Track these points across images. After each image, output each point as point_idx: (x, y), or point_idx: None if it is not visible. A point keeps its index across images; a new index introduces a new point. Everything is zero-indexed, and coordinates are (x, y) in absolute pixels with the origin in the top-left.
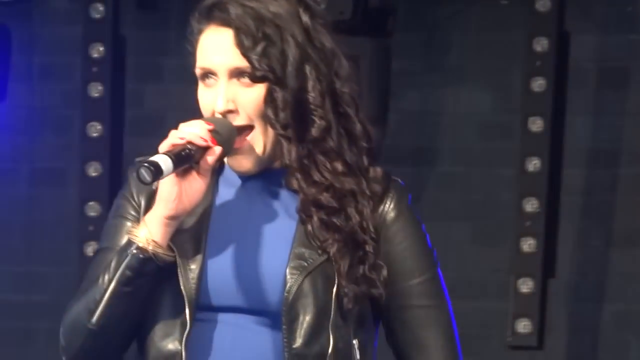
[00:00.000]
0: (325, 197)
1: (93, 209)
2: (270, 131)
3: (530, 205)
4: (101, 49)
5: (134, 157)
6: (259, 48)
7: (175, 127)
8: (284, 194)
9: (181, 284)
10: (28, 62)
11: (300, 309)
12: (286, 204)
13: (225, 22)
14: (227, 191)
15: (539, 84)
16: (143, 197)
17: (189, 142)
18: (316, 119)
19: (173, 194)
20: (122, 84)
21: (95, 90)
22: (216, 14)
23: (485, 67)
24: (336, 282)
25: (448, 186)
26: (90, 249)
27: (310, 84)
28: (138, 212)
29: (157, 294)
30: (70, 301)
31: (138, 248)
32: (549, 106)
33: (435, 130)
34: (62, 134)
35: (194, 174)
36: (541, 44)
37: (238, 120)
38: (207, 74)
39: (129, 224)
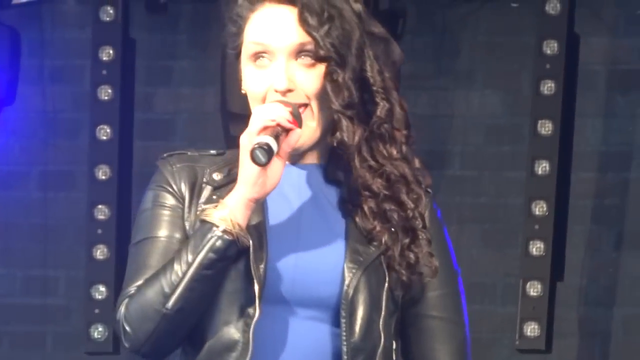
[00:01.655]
0: (377, 184)
1: (102, 212)
2: (325, 113)
3: (539, 208)
4: (111, 52)
5: (143, 161)
6: (325, 27)
7: (185, 131)
8: (326, 188)
9: (253, 273)
10: (38, 65)
11: (357, 303)
12: (330, 198)
13: (288, 0)
14: (276, 189)
15: (548, 86)
16: (185, 185)
17: (279, 125)
18: (379, 101)
19: (260, 178)
20: (132, 87)
21: (105, 93)
22: None
23: (495, 70)
24: (387, 277)
25: (458, 189)
26: (98, 252)
27: (368, 66)
28: (179, 200)
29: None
30: (123, 291)
31: (224, 231)
32: (558, 109)
33: (445, 133)
34: (71, 137)
35: (274, 156)
36: (551, 47)
37: (296, 99)
38: (261, 53)
39: (167, 212)
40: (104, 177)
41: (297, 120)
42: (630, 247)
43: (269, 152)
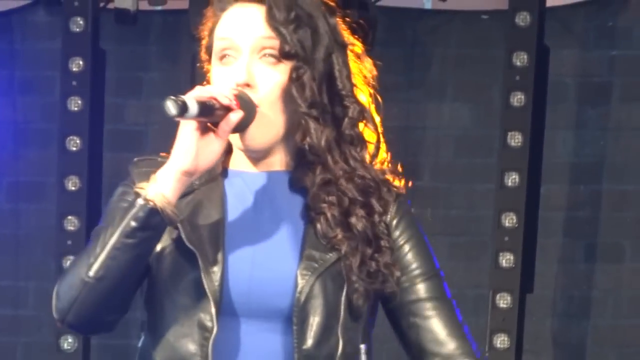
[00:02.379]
0: (348, 188)
1: (72, 223)
2: (288, 115)
3: (509, 220)
4: (81, 63)
5: (113, 172)
6: (292, 25)
7: (155, 142)
8: (290, 195)
9: (206, 286)
10: (8, 76)
11: (311, 310)
12: (293, 205)
13: None
14: (235, 196)
15: (518, 98)
16: None
17: (214, 98)
18: (348, 104)
19: (192, 147)
20: (102, 98)
21: (75, 104)
22: None
23: (465, 82)
24: (345, 283)
25: (428, 201)
26: (68, 263)
27: (337, 71)
28: None
29: (172, 293)
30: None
31: (145, 199)
32: (528, 121)
33: (415, 145)
34: (41, 148)
35: (212, 135)
36: (521, 59)
37: (254, 95)
38: (227, 49)
39: (126, 206)
40: (73, 188)
41: (244, 104)
42: (601, 259)
43: (181, 106)
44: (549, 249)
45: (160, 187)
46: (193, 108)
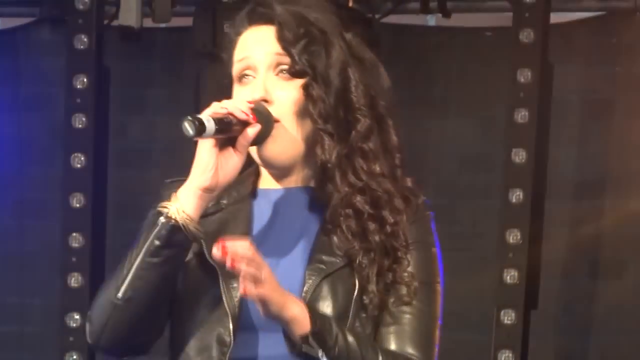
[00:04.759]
0: (359, 201)
1: (76, 240)
2: (306, 130)
3: (513, 237)
4: (85, 80)
5: (117, 189)
6: (301, 43)
7: (159, 159)
8: (310, 210)
9: (225, 302)
10: (12, 93)
11: (320, 310)
12: (312, 221)
13: (268, 19)
14: (260, 214)
15: (522, 115)
16: None
17: (230, 114)
18: (360, 117)
19: (210, 164)
20: (106, 115)
21: (79, 121)
22: (259, 12)
23: (469, 98)
24: (357, 288)
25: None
26: (73, 280)
27: (352, 85)
28: None
29: (194, 308)
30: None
31: (167, 217)
32: (532, 138)
33: (419, 161)
34: (46, 165)
35: (230, 149)
36: (525, 76)
37: (271, 111)
38: (245, 70)
39: None
40: (78, 205)
41: (260, 116)
42: (604, 275)
43: (198, 126)
44: (552, 265)
45: (182, 205)
46: (210, 126)
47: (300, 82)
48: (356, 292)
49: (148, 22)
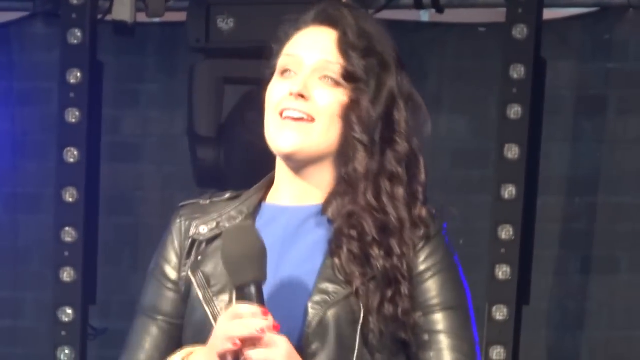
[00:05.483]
0: (367, 223)
1: (69, 234)
2: (332, 135)
3: (506, 232)
4: (79, 74)
5: (110, 183)
6: (360, 52)
7: (153, 154)
8: (317, 229)
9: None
10: (6, 88)
11: (322, 342)
12: (320, 238)
13: (333, 22)
14: (262, 231)
15: (515, 111)
16: (179, 241)
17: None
18: (399, 140)
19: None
20: (99, 110)
21: (72, 116)
22: (329, 12)
23: (462, 94)
24: (362, 316)
25: None
26: (65, 274)
27: (396, 114)
28: (178, 256)
29: (187, 331)
30: None
31: None
32: (525, 133)
33: None
34: (39, 160)
35: None
36: (518, 71)
37: (305, 108)
38: (290, 66)
39: (161, 283)
40: (71, 200)
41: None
42: (597, 271)
43: None
44: (544, 261)
45: None
46: None
47: (343, 90)
48: (361, 321)
49: (142, 17)
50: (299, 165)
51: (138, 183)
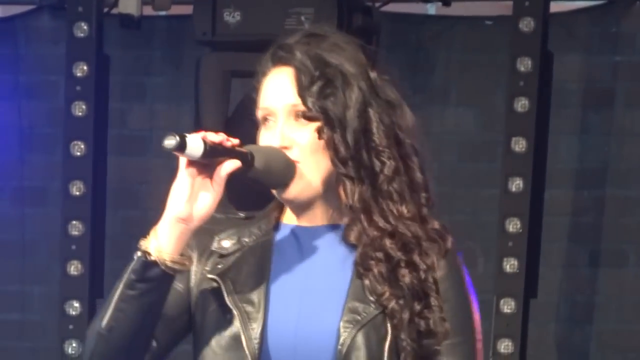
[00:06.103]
0: (390, 246)
1: (76, 228)
2: (322, 170)
3: (513, 225)
4: (85, 68)
5: (117, 177)
6: (315, 87)
7: (159, 147)
8: (341, 249)
9: (244, 343)
10: (12, 81)
11: None
12: (343, 259)
13: (288, 62)
14: (282, 250)
15: (522, 104)
16: (193, 250)
17: (222, 143)
18: (385, 160)
19: (184, 193)
20: (106, 103)
21: (79, 109)
22: (280, 54)
23: (469, 87)
24: (389, 335)
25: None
26: (72, 267)
27: (374, 126)
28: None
29: (215, 348)
30: None
31: (142, 251)
32: (532, 126)
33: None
34: (45, 153)
35: (208, 182)
36: (525, 64)
37: (293, 156)
38: (267, 116)
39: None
40: (77, 193)
41: (242, 159)
42: (604, 264)
43: (179, 141)
44: (552, 254)
45: (159, 238)
46: (197, 146)
47: (319, 124)
48: (389, 339)
49: (148, 10)
50: (304, 204)
51: (145, 176)
